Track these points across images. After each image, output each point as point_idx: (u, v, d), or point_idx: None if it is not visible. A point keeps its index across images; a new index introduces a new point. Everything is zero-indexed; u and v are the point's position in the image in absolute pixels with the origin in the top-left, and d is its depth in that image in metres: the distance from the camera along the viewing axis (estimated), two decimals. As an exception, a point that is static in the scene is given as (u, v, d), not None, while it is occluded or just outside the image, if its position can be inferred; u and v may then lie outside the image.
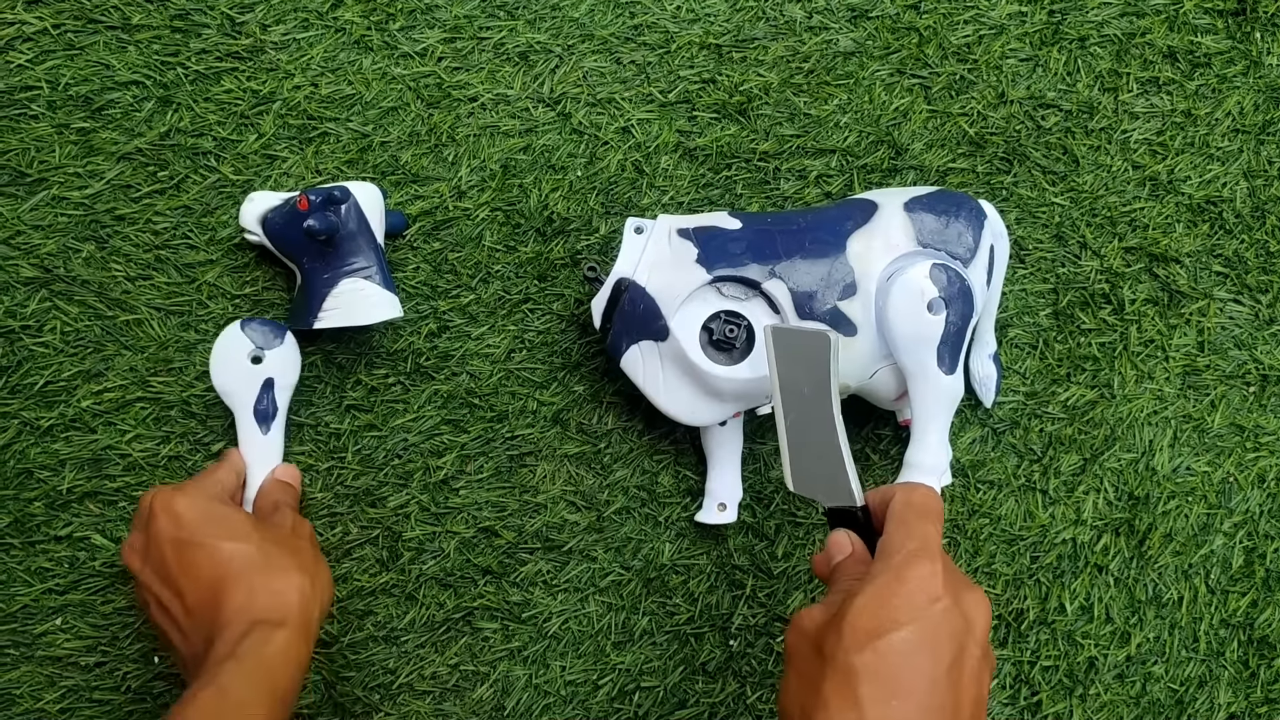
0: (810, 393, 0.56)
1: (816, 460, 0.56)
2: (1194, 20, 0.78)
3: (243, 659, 0.53)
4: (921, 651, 0.45)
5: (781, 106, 0.75)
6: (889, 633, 0.45)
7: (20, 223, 0.70)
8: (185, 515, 0.58)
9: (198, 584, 0.56)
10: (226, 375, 0.69)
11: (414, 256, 0.73)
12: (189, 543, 0.57)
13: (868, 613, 0.46)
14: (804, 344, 0.56)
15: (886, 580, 0.47)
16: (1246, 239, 0.77)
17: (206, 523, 0.58)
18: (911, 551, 0.48)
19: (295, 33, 0.73)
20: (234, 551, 0.57)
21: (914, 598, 0.46)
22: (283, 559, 0.58)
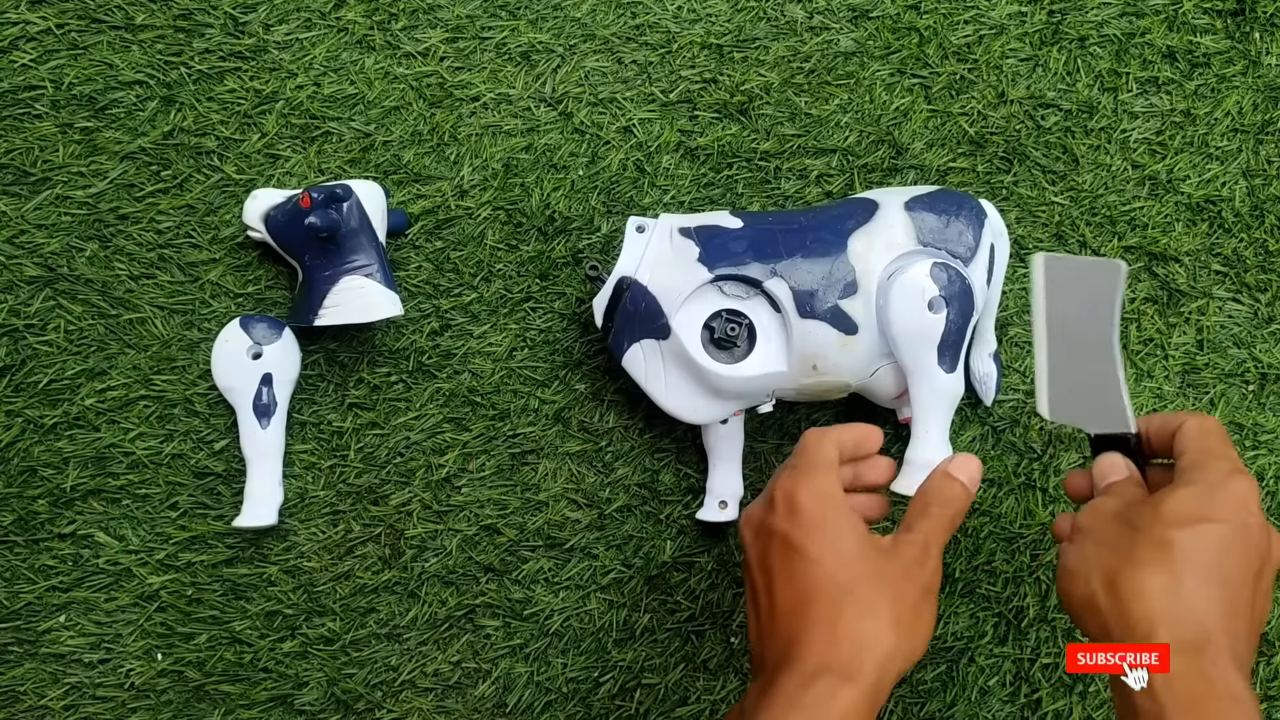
0: (1085, 321, 0.57)
1: (1085, 388, 0.58)
2: (1193, 20, 0.78)
3: (806, 711, 0.48)
4: (1236, 548, 0.49)
5: (782, 106, 0.76)
6: (1211, 522, 0.49)
7: (24, 222, 0.71)
8: (803, 512, 0.52)
9: (792, 591, 0.52)
10: (227, 371, 0.70)
11: (416, 255, 0.73)
12: (796, 547, 0.52)
13: (1191, 502, 0.50)
14: (1086, 273, 0.57)
15: (1208, 483, 0.50)
16: (1245, 238, 0.77)
17: (820, 530, 0.52)
18: (1230, 468, 0.51)
19: (298, 32, 0.73)
20: (834, 577, 0.51)
21: (1236, 502, 0.49)
22: (879, 603, 0.50)
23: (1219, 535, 0.49)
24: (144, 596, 0.70)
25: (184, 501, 0.70)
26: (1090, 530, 0.52)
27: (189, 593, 0.70)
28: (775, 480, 0.55)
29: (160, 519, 0.70)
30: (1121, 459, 0.56)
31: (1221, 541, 0.49)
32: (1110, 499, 0.53)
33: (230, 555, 0.70)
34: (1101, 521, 0.52)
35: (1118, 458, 0.56)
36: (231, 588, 0.70)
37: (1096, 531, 0.52)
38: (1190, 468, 0.52)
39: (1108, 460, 0.56)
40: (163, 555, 0.70)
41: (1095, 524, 0.52)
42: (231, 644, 0.70)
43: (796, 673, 0.49)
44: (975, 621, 0.73)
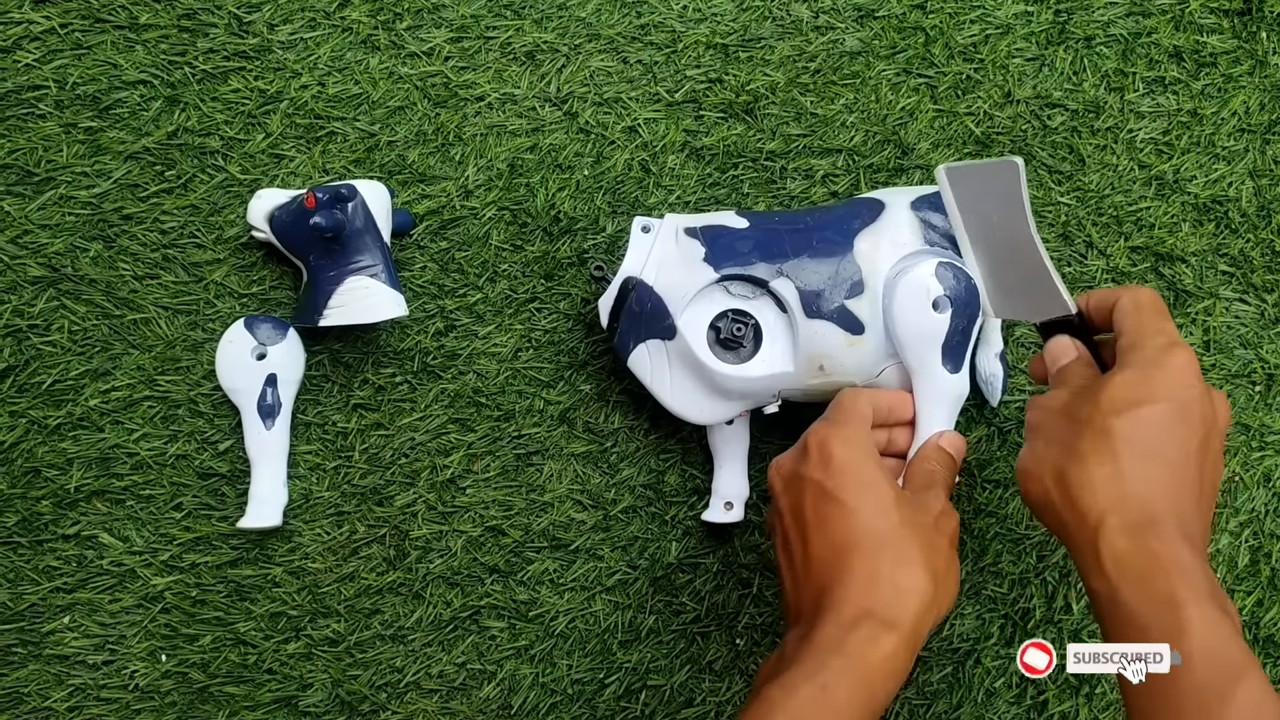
0: (1000, 220, 0.59)
1: (1018, 282, 0.59)
2: (1200, 20, 0.78)
3: (849, 657, 0.49)
4: (1177, 426, 0.50)
5: (788, 106, 0.76)
6: (1149, 404, 0.50)
7: (28, 222, 0.70)
8: (836, 462, 0.54)
9: (826, 539, 0.53)
10: (231, 372, 0.70)
11: (421, 255, 0.73)
12: (830, 495, 0.53)
13: (1128, 386, 0.51)
14: (987, 175, 0.59)
15: (1144, 363, 0.51)
16: (1252, 238, 0.77)
17: (855, 480, 0.54)
18: (1166, 343, 0.52)
19: (302, 32, 0.73)
20: (870, 525, 0.52)
21: (1172, 379, 0.50)
22: (915, 552, 0.52)
23: (1157, 415, 0.50)
24: (148, 598, 0.70)
25: (188, 502, 0.70)
26: (1039, 427, 0.54)
27: (193, 594, 0.70)
28: (809, 432, 0.57)
29: (164, 520, 0.70)
30: (1069, 340, 0.57)
31: (1159, 421, 0.50)
32: (1056, 394, 0.54)
33: (235, 556, 0.70)
34: (1049, 418, 0.53)
35: (1066, 340, 0.58)
36: (236, 589, 0.70)
37: (1045, 428, 0.53)
38: (1128, 348, 0.53)
39: (1057, 344, 0.58)
40: (167, 556, 0.70)
41: (1044, 421, 0.54)
42: (236, 645, 0.70)
43: (837, 618, 0.50)
44: (982, 623, 0.73)
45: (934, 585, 0.52)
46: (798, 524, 0.54)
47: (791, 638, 0.53)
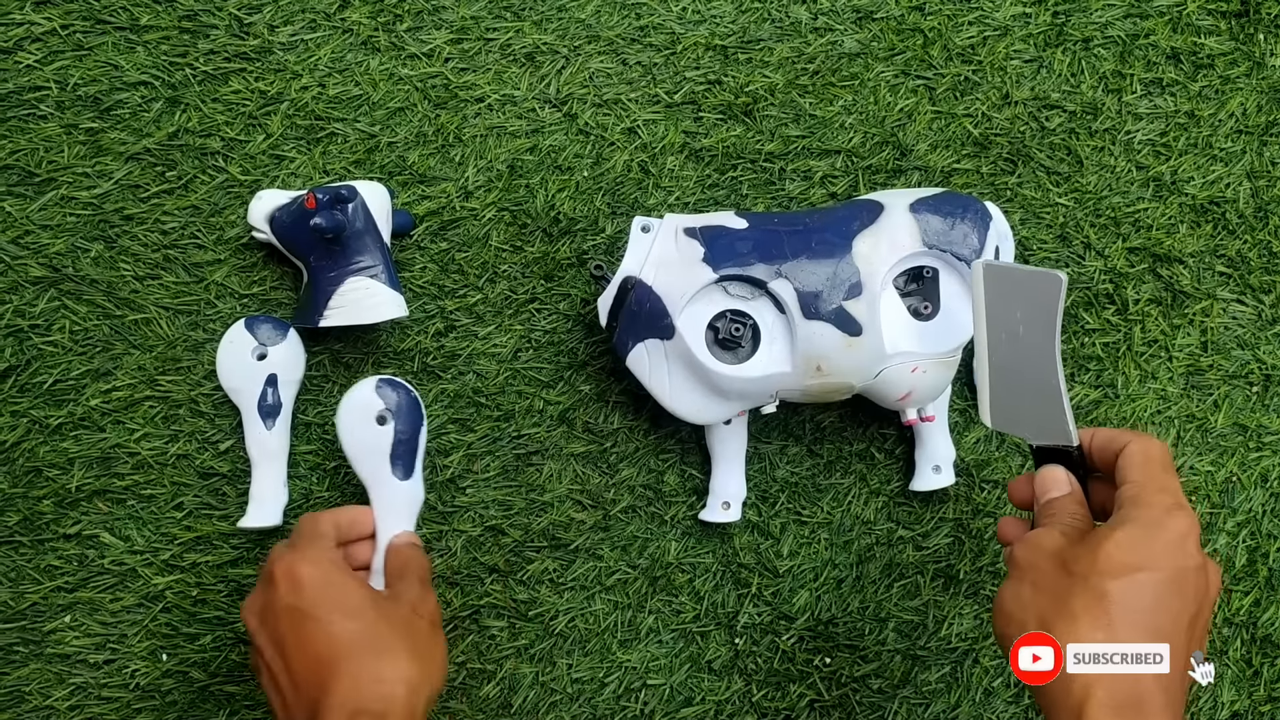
0: (1027, 332, 0.56)
1: (1027, 398, 0.56)
2: (1197, 21, 0.78)
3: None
4: (1173, 597, 0.48)
5: (787, 107, 0.76)
6: (1147, 570, 0.48)
7: (29, 222, 0.71)
8: (305, 583, 0.55)
9: (306, 658, 0.54)
10: (232, 372, 0.70)
11: (421, 256, 0.73)
12: (305, 614, 0.54)
13: (1129, 547, 0.48)
14: (1026, 283, 0.56)
15: (1147, 523, 0.49)
16: (1249, 239, 0.77)
17: (325, 593, 0.55)
18: (1171, 504, 0.50)
19: (303, 33, 0.73)
20: (345, 630, 0.54)
21: (1174, 546, 0.48)
22: (394, 641, 0.54)
23: (1155, 584, 0.47)
24: (149, 597, 0.70)
25: (189, 502, 0.70)
26: (1028, 568, 0.51)
27: (194, 593, 0.70)
28: (272, 561, 0.57)
29: (165, 519, 0.70)
30: (1064, 473, 0.55)
31: (1157, 590, 0.47)
32: (1048, 534, 0.51)
33: (235, 556, 0.70)
34: (1040, 561, 0.50)
35: (1060, 471, 0.55)
36: (237, 588, 0.70)
37: (1034, 572, 0.50)
38: (1130, 501, 0.50)
39: (1050, 474, 0.55)
40: (168, 556, 0.70)
41: (1034, 562, 0.51)
42: (236, 645, 0.70)
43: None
44: (980, 623, 0.73)
45: (419, 665, 0.54)
46: (280, 653, 0.55)
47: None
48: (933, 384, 0.67)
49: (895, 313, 0.67)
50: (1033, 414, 0.56)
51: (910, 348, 0.66)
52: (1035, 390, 0.56)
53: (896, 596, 0.73)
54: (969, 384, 0.74)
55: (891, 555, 0.74)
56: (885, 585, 0.73)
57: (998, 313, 0.57)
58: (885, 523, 0.74)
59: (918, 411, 0.69)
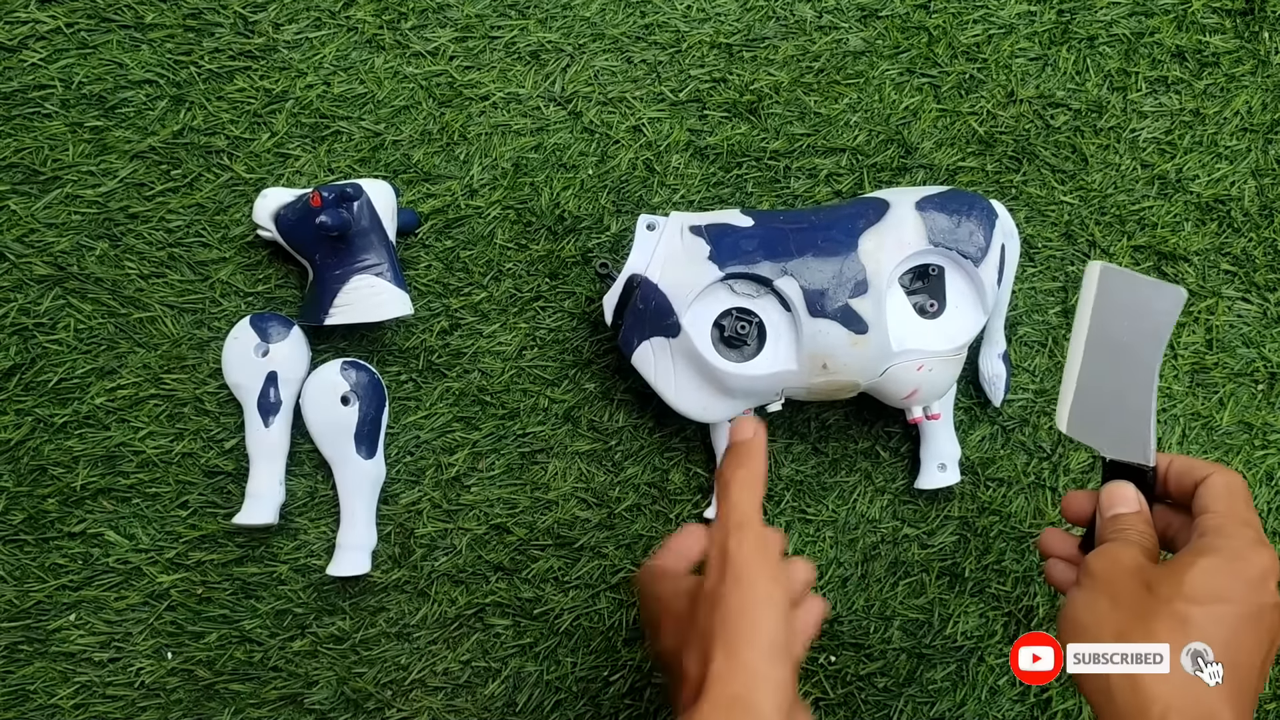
0: (1130, 343, 0.54)
1: (1112, 410, 0.54)
2: (1202, 20, 0.78)
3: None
4: (1250, 631, 0.48)
5: (792, 105, 0.76)
6: (1228, 603, 0.48)
7: (34, 221, 0.71)
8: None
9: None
10: (235, 369, 0.70)
11: (426, 254, 0.73)
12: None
13: (1214, 576, 0.48)
14: (1143, 293, 0.53)
15: (1230, 556, 0.49)
16: (1254, 237, 0.77)
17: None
18: (1255, 539, 0.50)
19: (308, 32, 0.73)
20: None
21: (1255, 583, 0.48)
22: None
23: (1234, 617, 0.48)
24: (154, 595, 0.70)
25: (194, 500, 0.70)
26: (1105, 582, 0.50)
27: (199, 591, 0.70)
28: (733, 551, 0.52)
29: (170, 518, 0.70)
30: (1134, 491, 0.54)
31: (1236, 624, 0.48)
32: (1127, 550, 0.51)
33: (240, 554, 0.70)
34: (1120, 577, 0.50)
35: (1131, 489, 0.54)
36: (241, 586, 0.70)
37: (1112, 586, 0.50)
38: (1213, 531, 0.50)
39: (1119, 489, 0.54)
40: (173, 554, 0.70)
41: (1112, 577, 0.50)
42: (241, 643, 0.70)
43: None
44: (985, 621, 0.73)
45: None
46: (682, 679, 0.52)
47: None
48: (938, 381, 0.67)
49: (901, 310, 0.67)
50: (1115, 427, 0.54)
51: (916, 345, 0.66)
52: (1123, 404, 0.54)
53: (902, 595, 0.73)
54: (974, 382, 0.74)
55: (897, 553, 0.74)
56: (890, 583, 0.73)
57: (1104, 318, 0.55)
58: (890, 521, 0.74)
59: (923, 409, 0.69)
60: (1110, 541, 0.52)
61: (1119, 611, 0.49)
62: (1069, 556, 0.57)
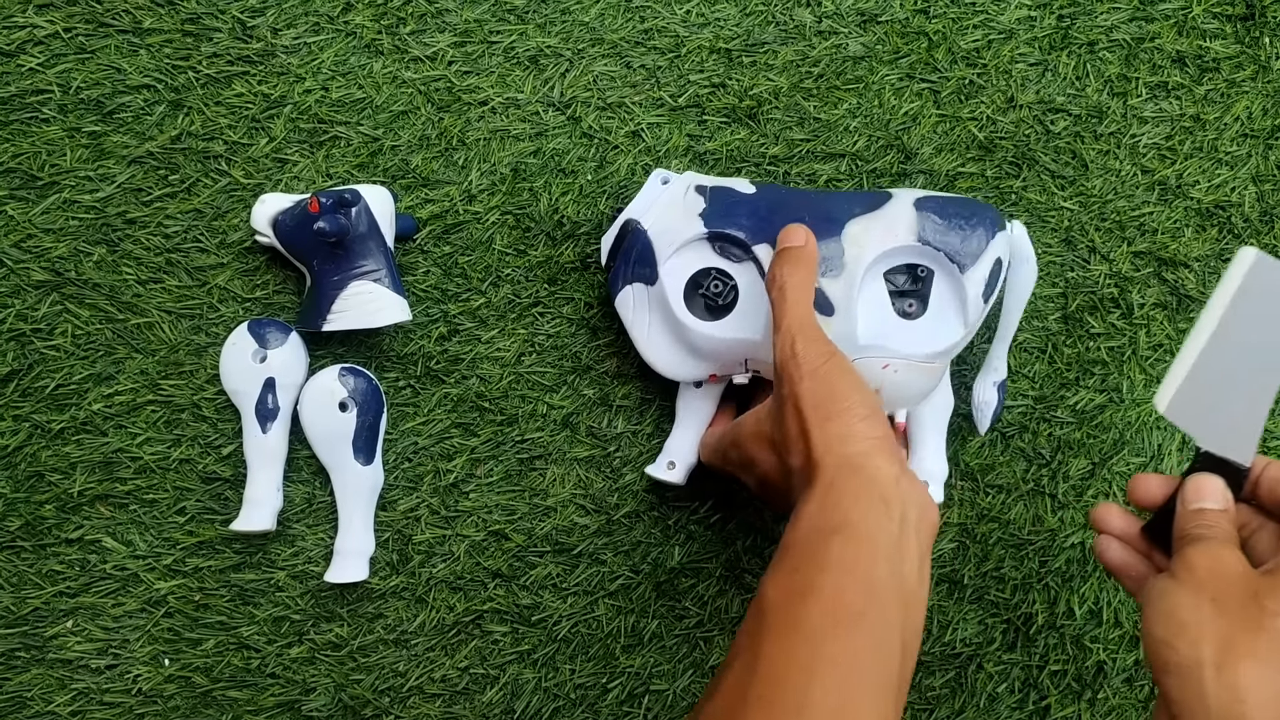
0: (1265, 340, 0.52)
1: (1224, 402, 0.53)
2: (1203, 25, 0.78)
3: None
4: None
5: (791, 111, 0.76)
6: None
7: (31, 226, 0.70)
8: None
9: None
10: (233, 374, 0.70)
11: (424, 260, 0.73)
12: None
13: None
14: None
15: None
16: (1255, 243, 0.77)
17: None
18: None
19: (306, 37, 0.73)
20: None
21: None
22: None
23: None
24: (151, 602, 0.70)
25: (191, 506, 0.70)
26: (1210, 584, 0.48)
27: (196, 598, 0.70)
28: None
29: (168, 524, 0.70)
30: (1224, 488, 0.52)
31: None
32: (1233, 554, 0.49)
33: (238, 560, 0.70)
34: (1225, 579, 0.48)
35: (1221, 485, 0.52)
36: (239, 593, 0.70)
37: (1218, 589, 0.48)
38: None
39: (1210, 483, 0.52)
40: (170, 560, 0.70)
41: (1217, 579, 0.48)
42: (239, 649, 0.70)
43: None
44: (984, 628, 0.73)
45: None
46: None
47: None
48: (904, 387, 0.65)
49: (878, 306, 0.65)
50: (1222, 420, 0.53)
51: (886, 343, 0.64)
52: (1238, 398, 0.52)
53: (901, 601, 0.73)
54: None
55: (896, 560, 0.73)
56: (889, 590, 0.73)
57: (1244, 308, 0.53)
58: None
59: (890, 417, 0.67)
60: (1208, 539, 0.50)
61: (1224, 618, 0.47)
62: (1128, 538, 0.56)
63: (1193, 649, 0.47)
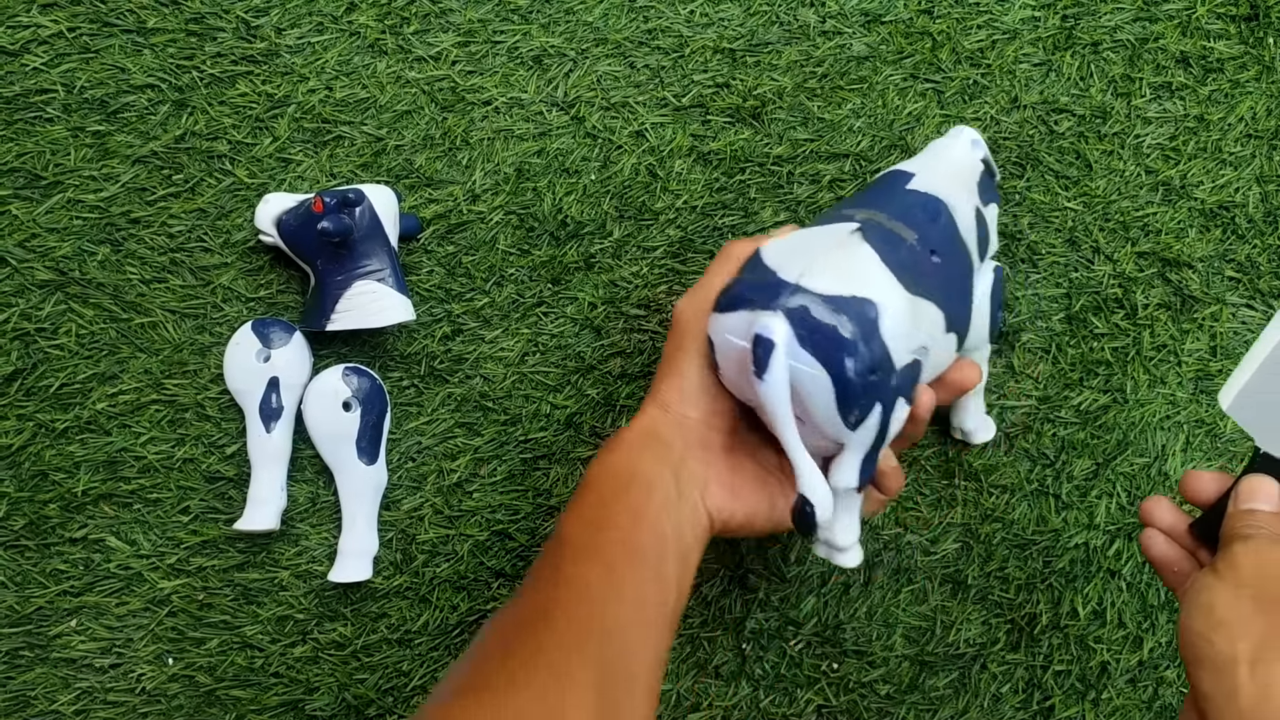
0: None
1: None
2: (1207, 25, 0.78)
3: None
4: None
5: (795, 111, 0.76)
6: None
7: (36, 225, 0.70)
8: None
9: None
10: (237, 374, 0.70)
11: (428, 259, 0.73)
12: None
13: None
14: None
15: None
16: (1259, 244, 0.77)
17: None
18: None
19: (310, 36, 0.73)
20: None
21: None
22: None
23: None
24: (155, 601, 0.70)
25: (195, 506, 0.70)
26: (1252, 581, 0.48)
27: (200, 597, 0.70)
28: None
29: (171, 523, 0.70)
30: (1279, 490, 0.52)
31: None
32: (1277, 553, 0.49)
33: (242, 560, 0.70)
34: (1271, 579, 0.48)
35: (1276, 486, 0.52)
36: (243, 592, 0.70)
37: (1260, 587, 0.48)
38: None
39: (1265, 484, 0.52)
40: (174, 560, 0.70)
41: (1261, 577, 0.48)
42: (243, 649, 0.70)
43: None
44: (988, 628, 0.73)
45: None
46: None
47: None
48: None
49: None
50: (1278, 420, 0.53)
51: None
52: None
53: (904, 602, 0.73)
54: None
55: (899, 560, 0.73)
56: (893, 590, 0.73)
57: None
58: (893, 528, 0.74)
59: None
60: (1254, 538, 0.50)
61: (1264, 616, 0.47)
62: (1175, 534, 0.56)
63: (1229, 644, 0.46)
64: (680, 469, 0.55)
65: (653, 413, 0.56)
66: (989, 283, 0.62)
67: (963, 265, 0.58)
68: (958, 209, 0.59)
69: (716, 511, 0.56)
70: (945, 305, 0.55)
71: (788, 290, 0.51)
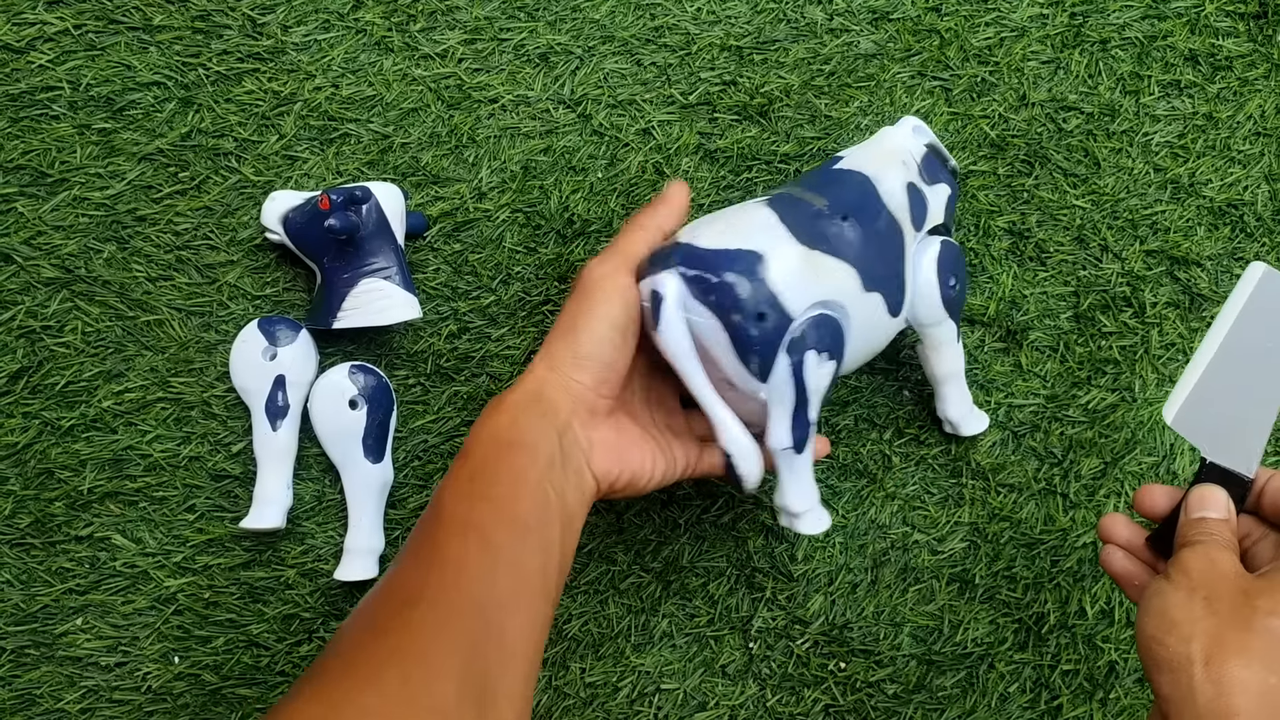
0: (1270, 353, 0.54)
1: (1229, 414, 0.54)
2: (1215, 23, 0.78)
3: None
4: None
5: (802, 108, 0.75)
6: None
7: (42, 223, 0.70)
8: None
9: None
10: (243, 372, 0.70)
11: (434, 258, 0.73)
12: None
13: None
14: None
15: None
16: (1267, 242, 0.77)
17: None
18: None
19: (316, 34, 0.73)
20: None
21: None
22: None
23: None
24: (161, 599, 0.70)
25: (201, 504, 0.70)
26: (1202, 583, 0.49)
27: (206, 596, 0.70)
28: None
29: (177, 522, 0.70)
30: (1227, 498, 0.53)
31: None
32: (1225, 556, 0.50)
33: (247, 558, 0.70)
34: (1217, 579, 0.49)
35: (1223, 495, 0.53)
36: (249, 591, 0.70)
37: (1209, 588, 0.49)
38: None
39: (1212, 493, 0.54)
40: (180, 558, 0.70)
41: (1210, 579, 0.49)
42: (248, 647, 0.70)
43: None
44: (995, 628, 0.73)
45: None
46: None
47: None
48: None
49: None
50: (1225, 431, 0.54)
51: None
52: (1243, 410, 0.54)
53: (911, 601, 0.73)
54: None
55: (906, 560, 0.73)
56: (900, 590, 0.73)
57: (1250, 322, 0.54)
58: (900, 527, 0.74)
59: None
60: (1203, 543, 0.51)
61: (1215, 617, 0.48)
62: (1133, 548, 0.57)
63: (1183, 645, 0.48)
64: (565, 432, 0.56)
65: (541, 373, 0.57)
66: (935, 253, 0.64)
67: (884, 231, 0.60)
68: (882, 182, 0.61)
69: (603, 475, 0.57)
70: (860, 265, 0.58)
71: (680, 250, 0.56)
